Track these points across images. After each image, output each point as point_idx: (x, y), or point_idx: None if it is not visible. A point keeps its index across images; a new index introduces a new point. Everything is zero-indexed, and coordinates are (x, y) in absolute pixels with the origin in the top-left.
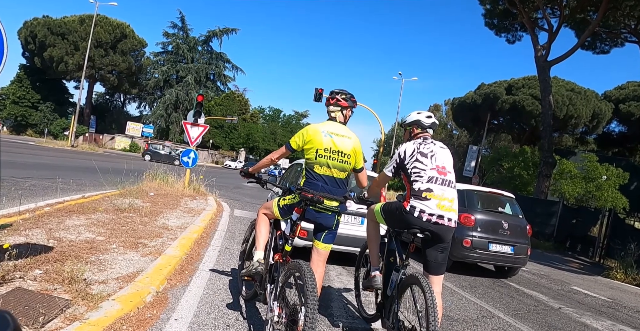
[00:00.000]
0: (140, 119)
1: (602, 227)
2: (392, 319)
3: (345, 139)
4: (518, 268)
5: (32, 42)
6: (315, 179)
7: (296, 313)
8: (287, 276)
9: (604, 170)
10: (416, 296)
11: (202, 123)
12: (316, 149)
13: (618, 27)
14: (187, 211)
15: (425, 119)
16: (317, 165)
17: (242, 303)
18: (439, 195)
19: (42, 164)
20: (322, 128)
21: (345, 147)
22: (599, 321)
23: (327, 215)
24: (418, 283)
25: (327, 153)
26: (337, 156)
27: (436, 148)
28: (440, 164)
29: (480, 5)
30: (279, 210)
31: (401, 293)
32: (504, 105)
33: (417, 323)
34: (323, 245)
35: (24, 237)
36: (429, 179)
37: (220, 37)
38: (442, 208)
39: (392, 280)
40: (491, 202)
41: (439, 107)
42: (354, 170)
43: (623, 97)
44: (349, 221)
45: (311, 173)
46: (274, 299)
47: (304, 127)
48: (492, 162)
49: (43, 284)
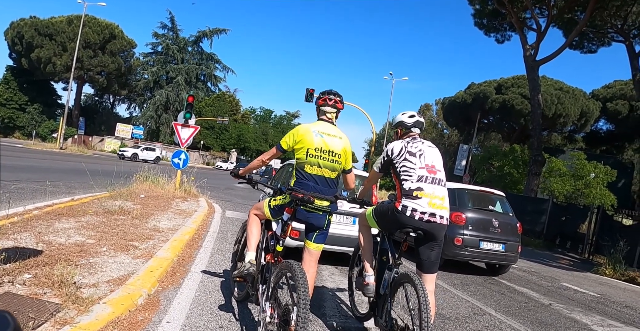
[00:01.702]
0: (130, 121)
1: (591, 224)
2: (385, 317)
3: (336, 139)
4: (509, 266)
5: (19, 43)
6: (306, 179)
7: (288, 313)
8: (278, 276)
9: (592, 168)
10: (409, 294)
11: (193, 124)
12: (307, 149)
13: (605, 26)
14: (178, 213)
15: (408, 119)
16: (307, 165)
17: (234, 304)
18: (430, 193)
19: (30, 167)
20: (313, 128)
21: (336, 147)
22: (588, 316)
23: (318, 214)
24: (411, 282)
25: (318, 152)
26: (328, 156)
27: (424, 147)
28: (429, 163)
29: (470, 5)
30: (269, 211)
31: (394, 291)
32: (494, 105)
33: (409, 321)
34: (314, 245)
35: (13, 241)
36: (418, 178)
37: (211, 37)
38: (434, 206)
39: (385, 278)
40: (482, 200)
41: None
42: (343, 171)
43: (610, 95)
44: (341, 221)
45: (302, 173)
46: (266, 300)
47: (295, 127)
48: (483, 161)
49: (32, 288)
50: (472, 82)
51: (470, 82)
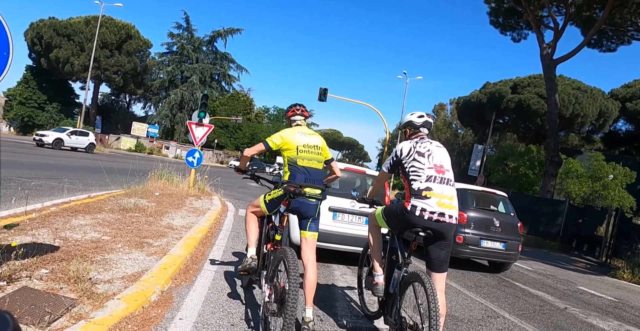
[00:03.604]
0: (146, 119)
1: (609, 227)
2: (395, 316)
3: (314, 136)
4: (510, 264)
5: (39, 43)
6: (300, 171)
7: (284, 294)
8: (276, 262)
9: (610, 169)
10: (418, 293)
11: (207, 123)
12: (296, 146)
13: (625, 24)
14: (192, 211)
15: (417, 119)
16: (299, 159)
17: (246, 303)
18: (439, 193)
19: (48, 164)
20: (296, 131)
21: (317, 142)
22: (605, 321)
23: (310, 203)
24: (420, 281)
25: (306, 148)
26: (314, 149)
27: (433, 147)
28: (437, 163)
29: (485, 3)
30: (265, 205)
31: (403, 290)
32: (510, 104)
33: (419, 320)
34: (310, 234)
35: (31, 237)
36: (427, 178)
37: (225, 37)
38: (443, 206)
39: (394, 277)
40: (484, 200)
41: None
42: (326, 162)
43: (630, 95)
44: (353, 221)
45: (295, 166)
46: (266, 282)
47: (280, 131)
48: (498, 161)
49: (49, 283)
50: (487, 82)
51: (485, 82)
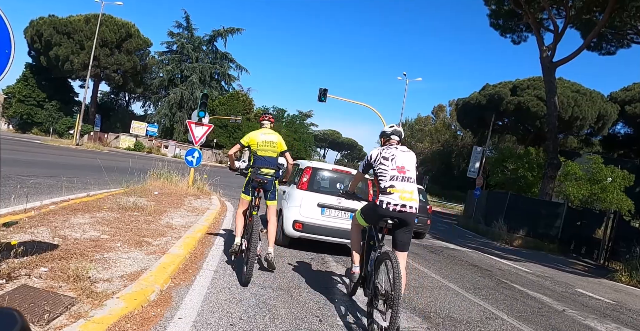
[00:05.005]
0: (145, 118)
1: (607, 229)
2: (371, 287)
3: (271, 135)
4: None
5: (38, 41)
6: (260, 159)
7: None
8: (250, 230)
9: (609, 172)
10: (388, 268)
11: (206, 122)
12: (257, 142)
13: (624, 28)
14: (191, 210)
15: (388, 129)
16: (259, 151)
17: (245, 302)
18: (401, 189)
19: (47, 162)
20: (260, 132)
21: (273, 140)
22: (603, 323)
23: (268, 178)
24: (389, 258)
25: (264, 143)
26: (270, 144)
27: (397, 152)
28: (400, 165)
29: (486, 5)
30: (246, 193)
31: (377, 267)
32: (509, 106)
33: (389, 288)
34: (270, 202)
35: (30, 235)
36: (391, 178)
37: (225, 36)
38: (404, 199)
39: (371, 258)
40: None
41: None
42: (280, 152)
43: (629, 98)
44: (339, 216)
45: (257, 155)
46: (245, 239)
47: (249, 133)
48: (497, 163)
49: (48, 281)
50: (486, 83)
51: (485, 83)
